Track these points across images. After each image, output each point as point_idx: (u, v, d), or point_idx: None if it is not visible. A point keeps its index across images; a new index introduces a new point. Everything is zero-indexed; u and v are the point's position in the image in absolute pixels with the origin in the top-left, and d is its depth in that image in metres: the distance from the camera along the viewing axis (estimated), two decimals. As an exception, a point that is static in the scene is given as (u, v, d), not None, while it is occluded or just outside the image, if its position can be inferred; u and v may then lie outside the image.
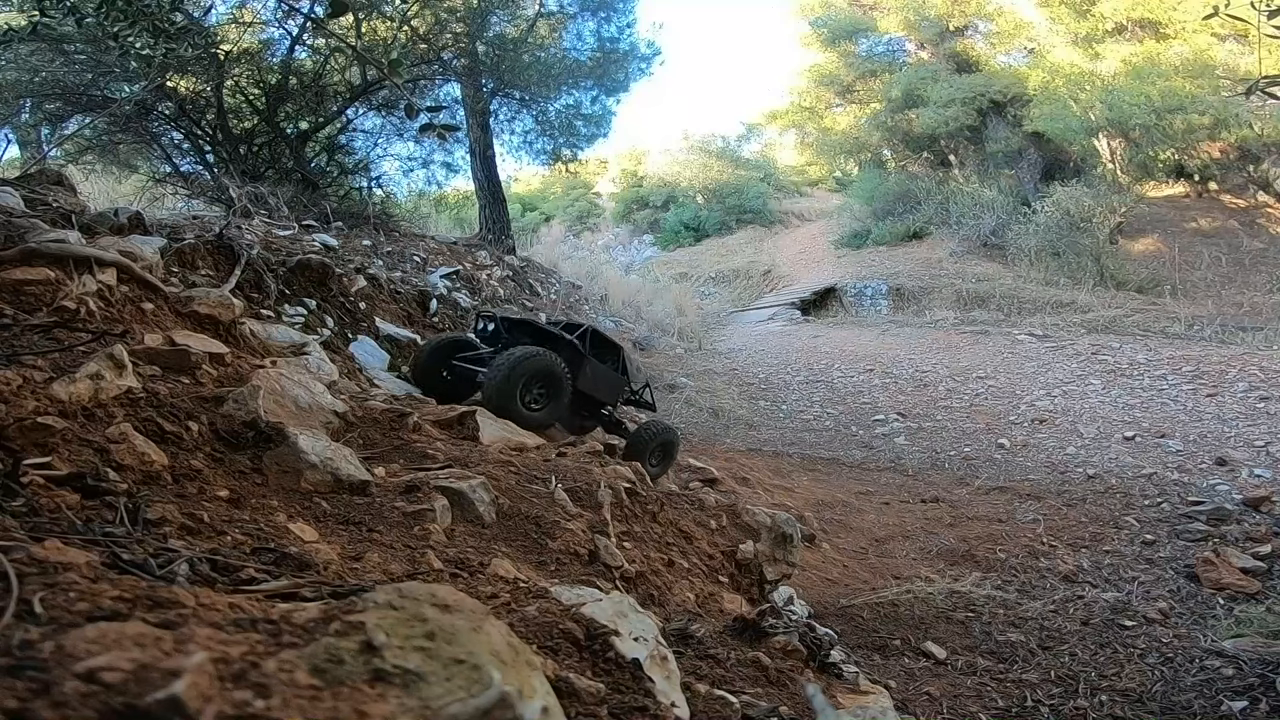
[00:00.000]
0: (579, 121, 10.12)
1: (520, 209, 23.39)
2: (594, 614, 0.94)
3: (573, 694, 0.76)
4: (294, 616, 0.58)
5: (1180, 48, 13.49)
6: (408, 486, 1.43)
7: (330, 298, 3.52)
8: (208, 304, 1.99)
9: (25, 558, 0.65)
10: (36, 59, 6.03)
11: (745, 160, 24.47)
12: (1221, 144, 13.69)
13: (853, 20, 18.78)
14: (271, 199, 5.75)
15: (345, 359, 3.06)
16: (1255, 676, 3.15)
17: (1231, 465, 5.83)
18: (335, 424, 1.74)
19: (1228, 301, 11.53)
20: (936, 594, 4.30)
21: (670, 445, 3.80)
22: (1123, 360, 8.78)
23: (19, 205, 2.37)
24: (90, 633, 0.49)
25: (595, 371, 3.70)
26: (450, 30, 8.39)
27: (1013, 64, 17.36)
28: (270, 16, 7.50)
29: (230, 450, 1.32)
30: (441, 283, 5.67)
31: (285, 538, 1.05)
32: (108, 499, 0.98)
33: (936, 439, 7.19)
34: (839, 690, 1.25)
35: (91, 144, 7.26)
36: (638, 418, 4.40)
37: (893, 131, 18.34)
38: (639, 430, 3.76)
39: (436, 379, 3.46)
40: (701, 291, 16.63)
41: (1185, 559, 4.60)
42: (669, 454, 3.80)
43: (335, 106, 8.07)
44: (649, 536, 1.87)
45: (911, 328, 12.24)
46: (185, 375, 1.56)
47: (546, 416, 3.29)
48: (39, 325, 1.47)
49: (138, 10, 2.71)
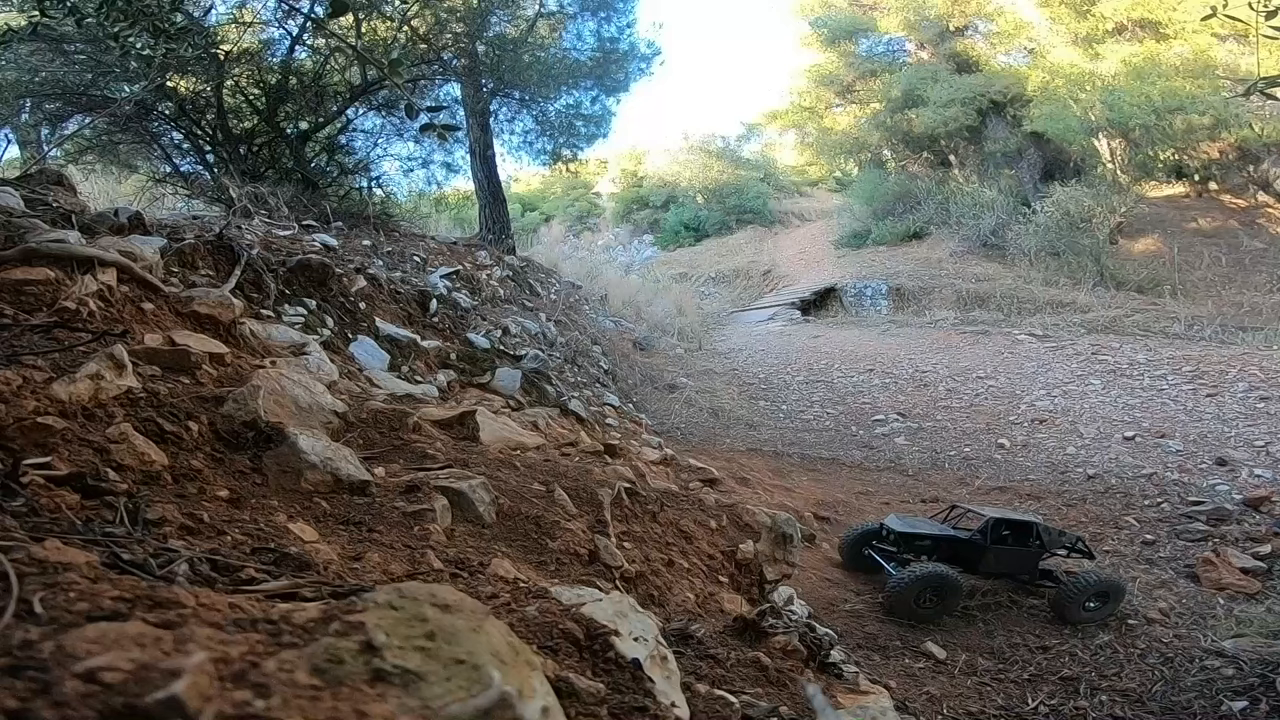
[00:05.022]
0: (579, 121, 10.11)
1: (520, 209, 23.38)
2: (594, 614, 0.94)
3: (573, 694, 0.76)
4: (294, 616, 0.58)
5: (1180, 48, 13.49)
6: (408, 486, 1.43)
7: (330, 298, 3.51)
8: (208, 304, 1.99)
9: (25, 558, 0.65)
10: (36, 59, 6.02)
11: (745, 160, 24.47)
12: (1221, 144, 13.69)
13: (853, 20, 18.78)
14: (271, 199, 5.75)
15: (345, 359, 3.06)
16: (1255, 676, 3.15)
17: (1231, 465, 5.83)
18: (335, 424, 1.74)
19: (1228, 301, 11.52)
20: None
21: (1106, 594, 4.05)
22: (1123, 360, 8.78)
23: (19, 205, 2.36)
24: (90, 633, 0.49)
25: (1000, 555, 4.23)
26: (450, 30, 8.38)
27: (1013, 64, 17.36)
28: (270, 16, 7.50)
29: (230, 450, 1.32)
30: (441, 283, 5.67)
31: (285, 538, 1.05)
32: (108, 499, 0.98)
33: (936, 439, 7.19)
34: (839, 690, 1.25)
35: (91, 144, 7.26)
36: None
37: (893, 131, 18.33)
38: (1067, 583, 4.12)
39: (859, 557, 4.50)
40: (701, 291, 16.63)
41: (1185, 559, 4.60)
42: (1108, 600, 4.06)
43: (335, 106, 8.07)
44: (649, 536, 1.87)
45: (911, 328, 12.23)
46: (185, 375, 1.56)
47: (936, 613, 3.99)
48: (39, 325, 1.47)
49: (138, 10, 2.71)
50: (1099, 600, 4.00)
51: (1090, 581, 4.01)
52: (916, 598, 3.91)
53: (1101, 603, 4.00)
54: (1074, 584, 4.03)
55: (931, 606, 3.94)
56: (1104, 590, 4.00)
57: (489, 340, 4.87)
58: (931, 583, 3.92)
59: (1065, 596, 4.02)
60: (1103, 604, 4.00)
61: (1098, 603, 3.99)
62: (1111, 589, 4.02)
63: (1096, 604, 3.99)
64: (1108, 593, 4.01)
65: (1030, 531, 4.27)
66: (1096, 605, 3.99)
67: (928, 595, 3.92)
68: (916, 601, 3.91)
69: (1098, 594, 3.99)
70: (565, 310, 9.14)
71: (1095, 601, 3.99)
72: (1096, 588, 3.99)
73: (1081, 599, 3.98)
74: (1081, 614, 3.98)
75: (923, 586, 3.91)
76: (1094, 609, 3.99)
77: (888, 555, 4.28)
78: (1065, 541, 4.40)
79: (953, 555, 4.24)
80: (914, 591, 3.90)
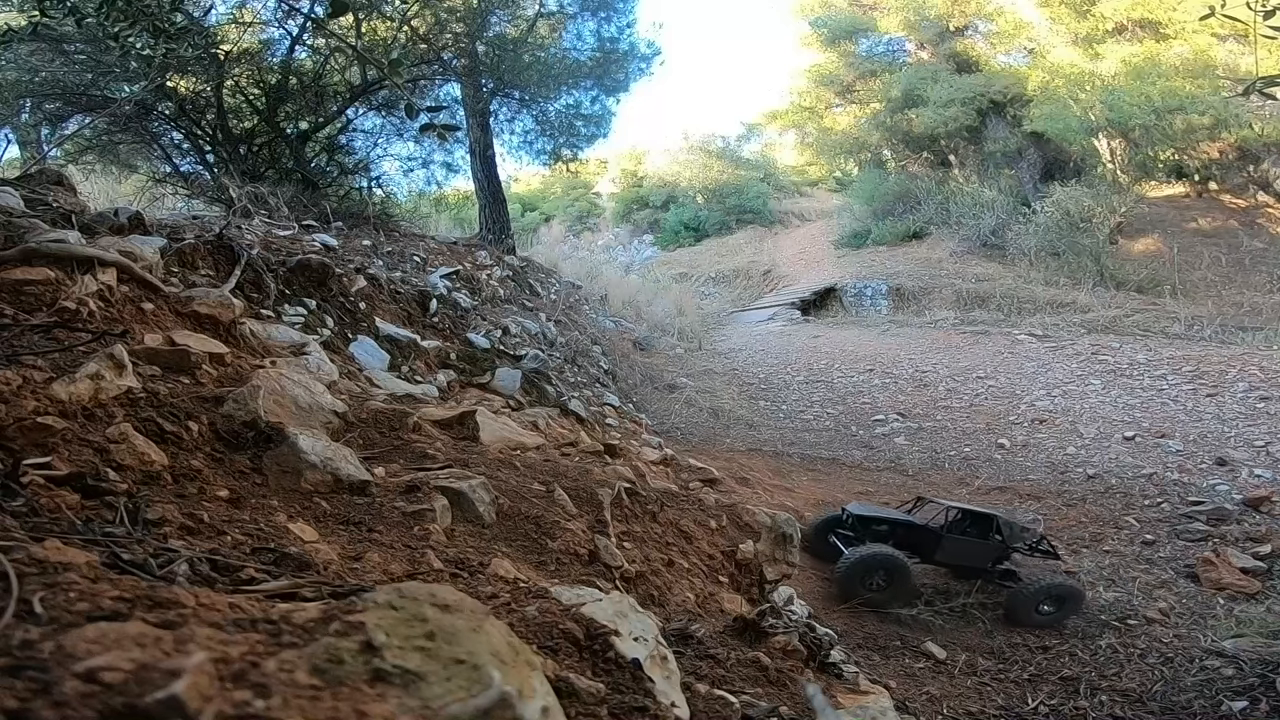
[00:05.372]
0: (579, 121, 10.11)
1: (520, 209, 23.38)
2: (594, 614, 0.94)
3: (573, 694, 0.76)
4: (294, 616, 0.58)
5: (1180, 48, 13.48)
6: (408, 486, 1.43)
7: (330, 298, 3.51)
8: (208, 304, 1.99)
9: (25, 558, 0.65)
10: (36, 59, 6.02)
11: (745, 160, 24.46)
12: (1221, 144, 13.68)
13: (853, 20, 18.77)
14: (271, 199, 5.75)
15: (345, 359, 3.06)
16: (1255, 676, 3.15)
17: (1231, 465, 5.83)
18: (335, 424, 1.74)
19: (1228, 301, 11.52)
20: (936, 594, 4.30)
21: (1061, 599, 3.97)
22: (1123, 360, 8.77)
23: (19, 205, 2.36)
24: (90, 633, 0.49)
25: (957, 545, 4.18)
26: (450, 30, 8.38)
27: (1013, 64, 17.36)
28: (270, 16, 7.50)
29: (230, 450, 1.32)
30: (441, 283, 5.67)
31: (285, 538, 1.05)
32: (108, 499, 0.98)
33: (936, 439, 7.18)
34: (839, 690, 1.25)
35: (91, 144, 7.26)
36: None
37: (893, 131, 18.33)
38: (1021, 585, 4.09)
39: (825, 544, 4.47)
40: (701, 291, 16.62)
41: (1185, 559, 4.59)
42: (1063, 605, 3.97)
43: (335, 106, 8.07)
44: (649, 536, 1.87)
45: (911, 328, 12.23)
46: (185, 375, 1.56)
47: (887, 598, 3.92)
48: (39, 325, 1.47)
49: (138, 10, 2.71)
50: (1054, 604, 3.91)
51: (1044, 585, 3.93)
52: (865, 579, 3.87)
53: (1056, 607, 3.91)
54: (1027, 587, 3.96)
55: (881, 590, 3.89)
56: (1059, 595, 3.92)
57: (489, 340, 4.87)
58: (878, 564, 3.89)
59: (1017, 599, 3.95)
60: (1058, 609, 3.91)
61: (1052, 607, 3.91)
62: (1068, 594, 3.93)
63: (1051, 608, 3.91)
64: (1063, 598, 3.92)
65: (991, 525, 4.23)
66: (1051, 610, 3.90)
67: (877, 578, 3.90)
68: (865, 583, 3.87)
69: (1052, 598, 3.91)
70: (565, 310, 9.14)
71: (1050, 605, 3.91)
72: (1050, 592, 3.91)
73: (1034, 602, 3.90)
74: (1035, 617, 3.90)
75: (870, 568, 3.87)
76: (1048, 613, 3.90)
77: (847, 540, 4.27)
78: (1029, 539, 4.35)
79: (909, 542, 4.21)
80: (861, 572, 3.86)
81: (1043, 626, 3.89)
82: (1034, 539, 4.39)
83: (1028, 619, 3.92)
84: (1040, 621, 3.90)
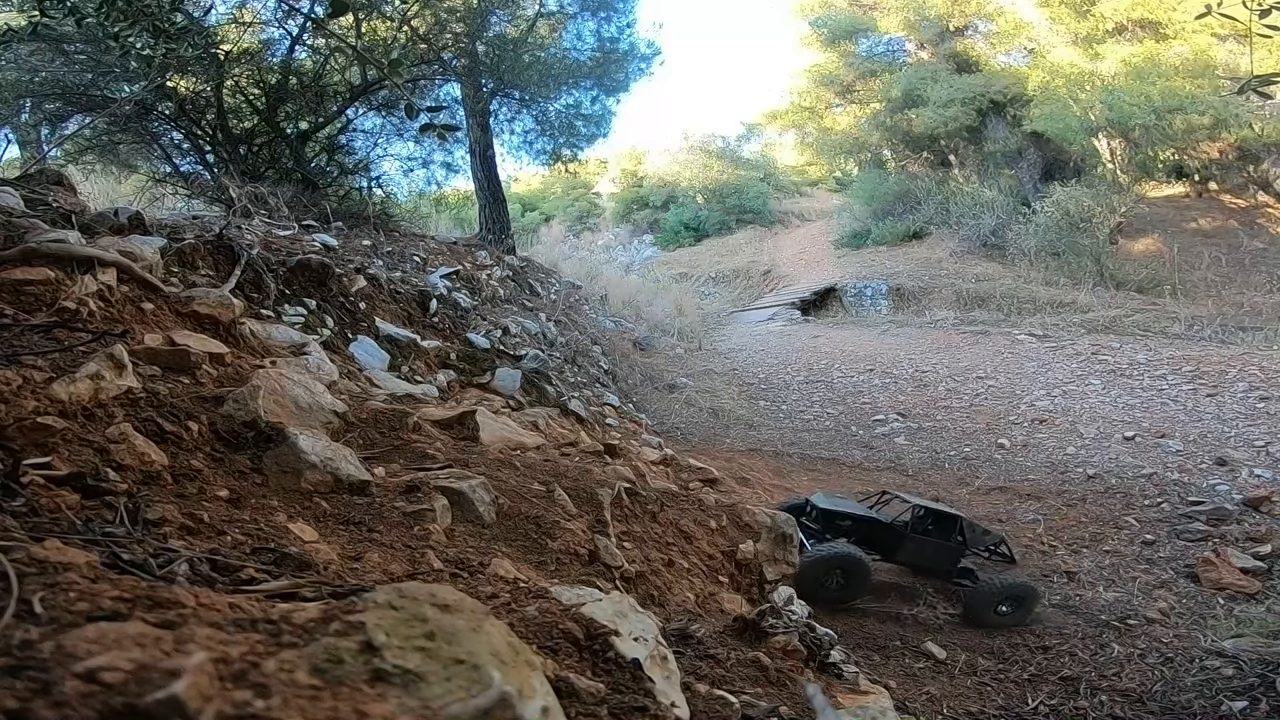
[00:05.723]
0: (579, 121, 10.11)
1: (520, 209, 23.37)
2: (594, 614, 0.94)
3: (573, 694, 0.76)
4: (294, 616, 0.58)
5: (1180, 48, 13.48)
6: (408, 486, 1.43)
7: (330, 298, 3.51)
8: (208, 304, 1.99)
9: (25, 558, 0.65)
10: (36, 59, 6.02)
11: (745, 160, 24.45)
12: (1221, 144, 13.67)
13: (853, 20, 18.77)
14: (271, 199, 5.75)
15: (345, 359, 3.05)
16: (1255, 676, 3.15)
17: (1231, 465, 5.83)
18: (335, 424, 1.74)
19: (1228, 301, 11.51)
20: (936, 594, 4.30)
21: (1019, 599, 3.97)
22: (1123, 360, 8.77)
23: (19, 205, 2.36)
24: (90, 633, 0.49)
25: (920, 545, 4.20)
26: (450, 30, 8.38)
27: (1013, 64, 17.35)
28: (270, 16, 7.50)
29: (230, 450, 1.32)
30: (441, 283, 5.67)
31: (285, 538, 1.05)
32: (108, 499, 0.98)
33: (936, 439, 7.18)
34: (839, 690, 1.25)
35: (91, 144, 7.26)
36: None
37: (893, 131, 18.32)
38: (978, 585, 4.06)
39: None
40: (701, 291, 16.62)
41: (1185, 559, 4.59)
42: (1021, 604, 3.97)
43: (335, 106, 8.07)
44: (649, 536, 1.87)
45: (911, 328, 12.23)
46: (185, 375, 1.56)
47: (843, 596, 3.92)
48: (39, 325, 1.47)
49: (138, 10, 2.71)
50: (1012, 604, 3.92)
51: (1001, 585, 3.94)
52: (824, 578, 3.83)
53: (1015, 607, 3.92)
54: (984, 586, 3.97)
55: (839, 589, 3.87)
56: (1016, 595, 3.93)
57: (489, 340, 4.87)
58: (840, 563, 3.86)
59: (975, 598, 3.96)
60: (1016, 608, 3.93)
61: (1010, 607, 3.92)
62: (1024, 593, 3.94)
63: (1009, 608, 3.92)
64: (1021, 597, 3.93)
65: (954, 526, 4.26)
66: (1009, 610, 3.92)
67: (836, 576, 3.86)
68: (823, 582, 3.82)
69: (1010, 598, 3.92)
70: (565, 310, 9.14)
71: (1007, 606, 3.92)
72: (1008, 591, 3.92)
73: (993, 602, 3.91)
74: (993, 617, 3.91)
75: (831, 567, 3.84)
76: (1006, 613, 3.92)
77: (809, 533, 4.22)
78: (989, 541, 4.37)
79: (871, 539, 4.21)
80: (822, 570, 3.82)
81: (999, 627, 3.88)
82: (994, 542, 4.41)
83: (987, 619, 3.92)
84: (997, 622, 3.90)
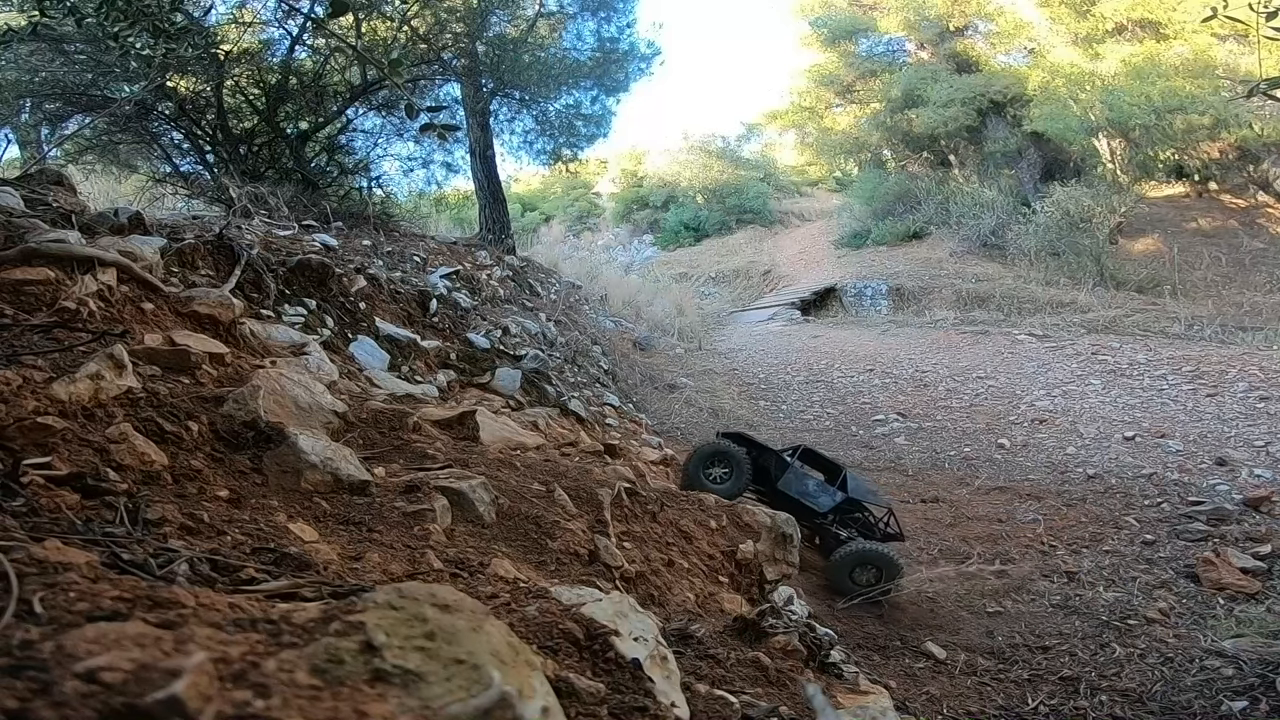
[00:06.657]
0: (579, 121, 10.11)
1: (520, 209, 23.37)
2: (594, 614, 0.94)
3: (573, 694, 0.76)
4: (294, 616, 0.58)
5: (1180, 48, 13.48)
6: (408, 486, 1.43)
7: (330, 298, 3.51)
8: (208, 304, 1.99)
9: (25, 558, 0.65)
10: (36, 59, 6.02)
11: (745, 160, 24.44)
12: (1221, 144, 13.67)
13: (853, 20, 18.77)
14: (271, 199, 5.75)
15: (345, 359, 3.06)
16: (1255, 676, 3.14)
17: (1231, 465, 5.82)
18: (335, 424, 1.74)
19: (1228, 301, 11.52)
20: (937, 594, 4.30)
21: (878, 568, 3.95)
22: (1123, 360, 8.77)
23: (19, 205, 2.36)
24: (90, 633, 0.49)
25: (798, 478, 4.36)
26: (450, 30, 8.38)
27: (1013, 64, 17.34)
28: (270, 16, 7.50)
29: (230, 450, 1.32)
30: (441, 283, 5.67)
31: (285, 538, 1.05)
32: (108, 499, 0.98)
33: (936, 439, 7.18)
34: (839, 690, 1.25)
35: (91, 144, 7.25)
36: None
37: (893, 131, 18.32)
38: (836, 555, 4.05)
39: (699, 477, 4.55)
40: (701, 291, 16.62)
41: (1185, 559, 4.59)
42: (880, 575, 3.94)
43: (335, 106, 8.07)
44: (649, 536, 1.87)
45: (911, 328, 12.23)
46: (185, 375, 1.56)
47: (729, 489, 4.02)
48: (39, 325, 1.47)
49: (138, 10, 2.71)
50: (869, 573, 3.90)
51: (856, 550, 3.94)
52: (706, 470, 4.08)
53: (875, 579, 3.89)
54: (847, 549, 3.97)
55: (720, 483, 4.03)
56: (875, 563, 3.91)
57: (489, 340, 4.87)
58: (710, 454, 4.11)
59: (832, 564, 3.96)
60: (876, 579, 3.89)
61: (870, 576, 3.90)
62: (883, 564, 3.92)
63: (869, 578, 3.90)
64: (880, 567, 3.90)
65: (838, 474, 4.45)
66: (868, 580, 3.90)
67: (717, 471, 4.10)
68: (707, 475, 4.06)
69: (867, 564, 3.90)
70: (565, 310, 9.14)
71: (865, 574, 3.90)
72: (861, 557, 3.91)
73: (848, 567, 3.90)
74: (848, 583, 3.89)
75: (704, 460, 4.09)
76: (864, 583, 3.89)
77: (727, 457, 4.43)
78: (874, 501, 4.41)
79: (759, 464, 4.33)
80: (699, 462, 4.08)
81: (858, 596, 3.84)
82: (882, 504, 4.44)
83: (843, 585, 3.90)
84: (854, 589, 3.87)
